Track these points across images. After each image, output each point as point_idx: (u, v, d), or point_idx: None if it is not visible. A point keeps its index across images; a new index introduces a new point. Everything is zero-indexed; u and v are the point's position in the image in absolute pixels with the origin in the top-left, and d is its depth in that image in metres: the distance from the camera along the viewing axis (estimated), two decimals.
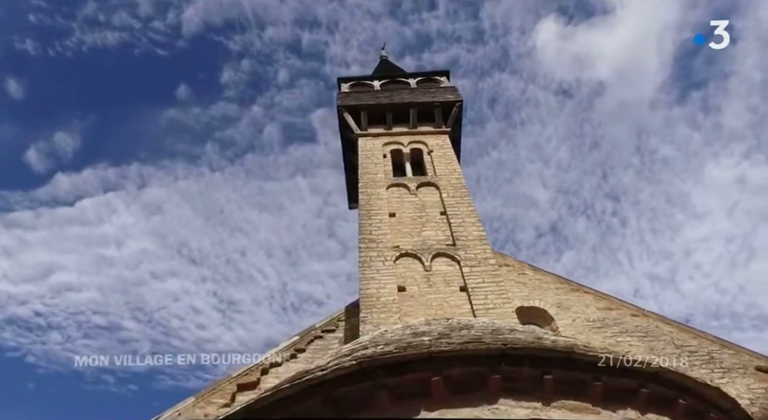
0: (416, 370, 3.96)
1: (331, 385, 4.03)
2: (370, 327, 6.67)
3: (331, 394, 4.01)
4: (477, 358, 4.01)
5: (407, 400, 3.92)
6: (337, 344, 8.58)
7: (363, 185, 10.01)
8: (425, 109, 12.50)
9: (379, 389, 3.93)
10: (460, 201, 9.40)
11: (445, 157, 11.01)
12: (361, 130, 12.15)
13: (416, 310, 7.04)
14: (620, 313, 9.01)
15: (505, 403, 3.88)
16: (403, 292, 7.41)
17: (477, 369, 3.98)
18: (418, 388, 3.94)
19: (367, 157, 11.13)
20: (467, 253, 8.05)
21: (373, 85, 14.07)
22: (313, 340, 8.64)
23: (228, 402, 7.47)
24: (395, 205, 9.49)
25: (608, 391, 4.03)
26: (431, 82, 14.12)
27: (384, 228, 8.76)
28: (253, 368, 7.98)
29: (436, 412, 3.85)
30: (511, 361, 4.00)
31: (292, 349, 8.39)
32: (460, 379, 3.95)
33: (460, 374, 3.96)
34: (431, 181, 10.16)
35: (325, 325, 8.91)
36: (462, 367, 3.98)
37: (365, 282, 7.49)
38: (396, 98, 12.83)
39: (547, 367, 4.01)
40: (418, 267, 7.92)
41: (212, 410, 7.30)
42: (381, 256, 8.03)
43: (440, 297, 7.31)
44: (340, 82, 14.57)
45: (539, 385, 3.97)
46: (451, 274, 7.73)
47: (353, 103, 12.64)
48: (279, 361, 8.17)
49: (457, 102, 12.59)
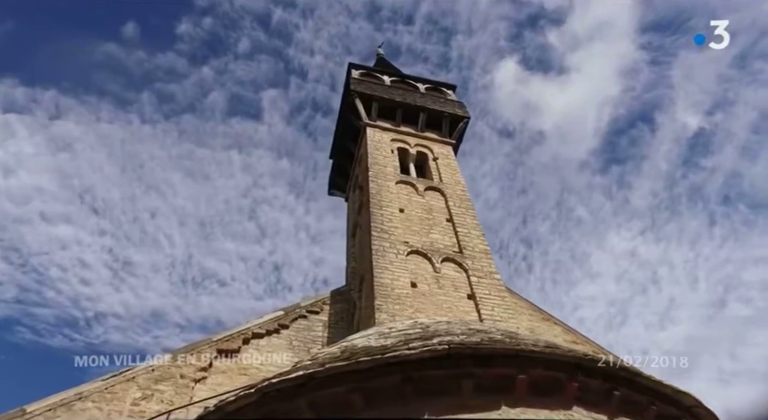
0: (503, 365, 3.96)
1: (414, 366, 3.90)
2: (386, 316, 6.55)
3: (412, 374, 3.89)
4: (559, 363, 4.09)
5: (491, 393, 3.89)
6: (321, 327, 8.33)
7: (373, 175, 9.86)
8: (434, 116, 12.63)
9: (465, 377, 3.87)
10: (465, 212, 9.57)
11: (450, 167, 11.17)
12: (370, 120, 12.00)
13: (427, 308, 7.02)
14: (584, 348, 9.59)
15: (578, 412, 3.99)
16: (415, 289, 7.37)
17: (557, 374, 4.05)
18: (502, 384, 3.93)
19: (376, 148, 10.99)
20: (474, 263, 8.20)
21: (383, 80, 13.99)
22: (297, 318, 8.30)
23: (206, 366, 6.95)
24: (404, 202, 9.45)
25: (660, 416, 4.29)
26: (438, 91, 14.31)
27: (395, 221, 8.68)
28: (235, 335, 7.51)
29: (517, 409, 3.86)
30: (586, 372, 4.13)
31: (276, 324, 8.00)
32: (540, 381, 4.00)
33: (541, 376, 4.02)
34: (438, 187, 10.25)
35: (310, 306, 8.61)
36: (543, 369, 4.04)
37: (379, 270, 7.35)
38: (408, 98, 12.84)
39: (615, 384, 4.18)
40: (428, 267, 7.92)
41: (189, 372, 6.75)
42: (393, 248, 7.94)
43: (450, 300, 7.36)
44: (350, 67, 14.34)
45: (607, 400, 4.13)
46: (459, 281, 7.82)
47: (367, 92, 12.47)
48: (262, 332, 7.75)
49: (466, 118, 12.88)
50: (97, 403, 5.90)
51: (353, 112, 12.42)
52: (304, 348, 7.84)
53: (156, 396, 6.26)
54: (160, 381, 6.47)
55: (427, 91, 14.03)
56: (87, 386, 6.07)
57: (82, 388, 6.03)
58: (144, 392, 6.26)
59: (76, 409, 5.78)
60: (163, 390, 6.38)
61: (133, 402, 6.08)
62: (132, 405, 6.06)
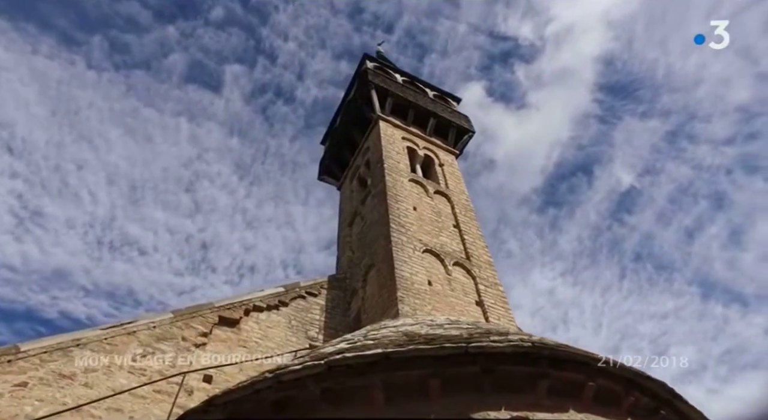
0: (575, 371, 4.07)
1: (496, 359, 3.92)
2: (408, 309, 6.51)
3: (493, 367, 3.91)
4: (619, 376, 4.26)
5: (561, 396, 3.97)
6: (318, 310, 8.14)
7: (389, 169, 9.80)
8: (442, 124, 12.80)
9: (541, 377, 3.94)
10: (470, 222, 9.74)
11: (454, 175, 11.33)
12: (383, 113, 11.95)
13: (443, 308, 7.05)
14: None
15: None
16: (431, 287, 7.39)
17: (615, 386, 4.22)
18: (571, 388, 4.04)
19: (389, 142, 10.95)
20: (481, 272, 8.35)
21: (395, 77, 14.00)
22: (296, 297, 8.05)
23: (207, 331, 6.56)
24: (416, 200, 9.47)
25: None
26: (444, 100, 14.53)
27: (410, 218, 8.67)
28: (237, 305, 7.16)
29: (582, 415, 3.98)
30: (640, 388, 4.34)
31: (277, 300, 7.71)
32: (602, 391, 4.15)
33: (604, 387, 4.17)
34: (445, 193, 10.36)
35: (309, 287, 8.38)
36: (606, 379, 4.19)
37: (399, 263, 7.30)
38: (420, 101, 12.93)
39: (661, 403, 4.42)
40: (441, 268, 7.97)
41: (190, 335, 6.34)
42: (411, 244, 7.92)
43: (461, 304, 7.44)
44: (365, 58, 14.26)
45: (653, 419, 4.37)
46: (468, 287, 7.93)
47: (383, 86, 12.42)
48: (263, 306, 7.44)
49: (471, 132, 13.15)
50: (96, 353, 5.38)
51: (366, 103, 12.31)
52: (302, 329, 7.61)
53: (157, 355, 5.81)
54: (161, 340, 6.00)
55: (435, 98, 14.21)
56: (86, 333, 5.52)
57: (79, 335, 5.47)
58: (145, 349, 5.78)
59: (73, 355, 5.23)
60: (165, 350, 5.93)
61: (133, 358, 5.61)
62: (132, 361, 5.58)
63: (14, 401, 4.57)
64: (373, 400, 3.84)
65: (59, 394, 4.81)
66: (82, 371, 5.16)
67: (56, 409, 4.69)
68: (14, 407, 4.54)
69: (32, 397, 4.69)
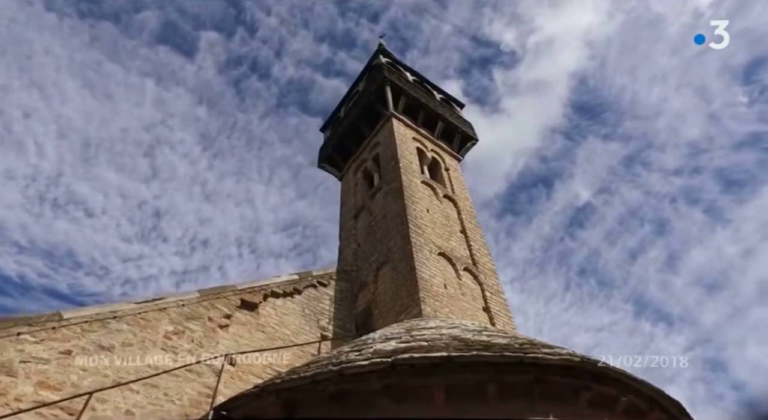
0: (611, 386, 4.47)
1: (546, 370, 4.26)
2: (429, 310, 6.78)
3: (544, 377, 4.24)
4: (643, 393, 4.70)
5: (599, 408, 4.37)
6: (328, 301, 8.31)
7: (403, 168, 9.99)
8: (448, 128, 13.08)
9: (583, 390, 4.31)
10: (475, 228, 10.10)
11: (459, 181, 11.66)
12: (396, 111, 12.11)
13: (456, 312, 7.37)
14: None
15: None
16: (446, 290, 7.69)
17: (641, 403, 4.66)
18: (606, 402, 4.44)
19: (402, 142, 11.14)
20: (487, 279, 8.73)
21: (407, 76, 14.16)
22: (309, 286, 8.17)
23: (230, 313, 6.60)
24: (427, 203, 9.73)
25: None
26: (449, 105, 14.82)
27: (425, 219, 8.93)
28: (257, 289, 7.23)
29: None
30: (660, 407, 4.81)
31: (292, 287, 7.82)
32: (631, 407, 4.58)
33: (632, 402, 4.60)
34: (452, 197, 10.67)
35: (321, 277, 8.52)
36: (634, 396, 4.63)
37: (419, 264, 7.56)
38: (430, 103, 13.16)
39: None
40: (452, 272, 8.29)
41: (216, 315, 6.38)
42: (427, 246, 8.19)
43: (471, 308, 7.79)
44: (380, 51, 14.34)
45: None
46: (476, 292, 8.29)
47: (398, 83, 12.57)
48: (279, 292, 7.54)
49: (475, 140, 13.51)
50: (132, 327, 5.33)
51: (378, 98, 12.42)
52: (314, 318, 7.75)
53: (187, 334, 5.81)
54: (190, 319, 6.00)
55: (442, 101, 14.48)
56: (122, 306, 5.45)
57: (116, 307, 5.40)
58: (176, 327, 5.77)
59: (111, 328, 5.16)
60: (194, 329, 5.93)
61: (165, 335, 5.60)
62: (164, 338, 5.57)
63: (61, 368, 4.53)
64: (435, 399, 4.10)
65: (100, 366, 4.78)
66: (120, 344, 5.13)
67: (99, 379, 4.67)
68: (61, 374, 4.50)
69: (76, 366, 4.65)
